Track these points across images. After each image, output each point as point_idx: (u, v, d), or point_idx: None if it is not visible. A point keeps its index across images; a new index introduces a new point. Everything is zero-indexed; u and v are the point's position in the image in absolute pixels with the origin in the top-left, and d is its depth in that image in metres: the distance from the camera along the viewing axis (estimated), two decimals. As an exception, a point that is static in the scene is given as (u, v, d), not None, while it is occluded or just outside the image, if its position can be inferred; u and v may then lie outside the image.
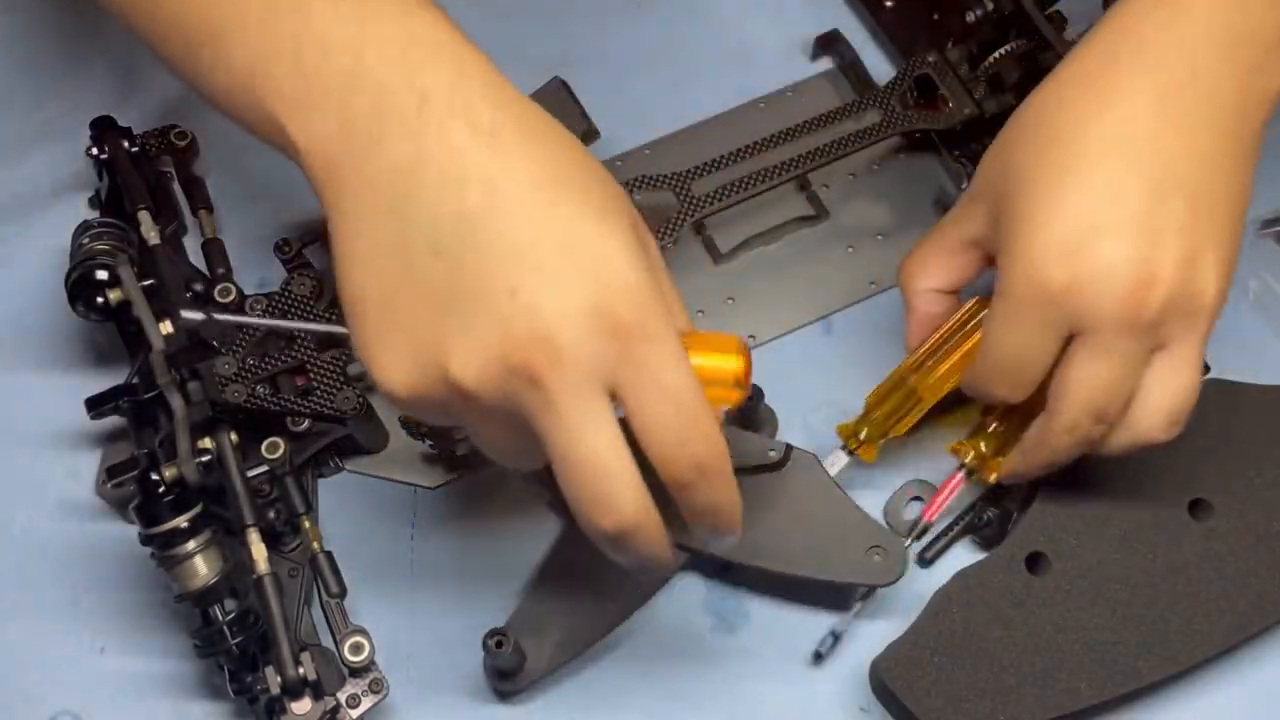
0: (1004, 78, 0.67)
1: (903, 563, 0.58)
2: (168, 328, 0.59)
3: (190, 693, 0.59)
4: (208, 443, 0.57)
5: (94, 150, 0.65)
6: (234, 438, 0.58)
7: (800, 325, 0.67)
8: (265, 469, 0.58)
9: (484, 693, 0.60)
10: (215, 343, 0.59)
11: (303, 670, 0.55)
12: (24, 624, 0.61)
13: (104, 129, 0.65)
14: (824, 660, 0.60)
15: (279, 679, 0.54)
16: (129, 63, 0.72)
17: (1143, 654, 0.57)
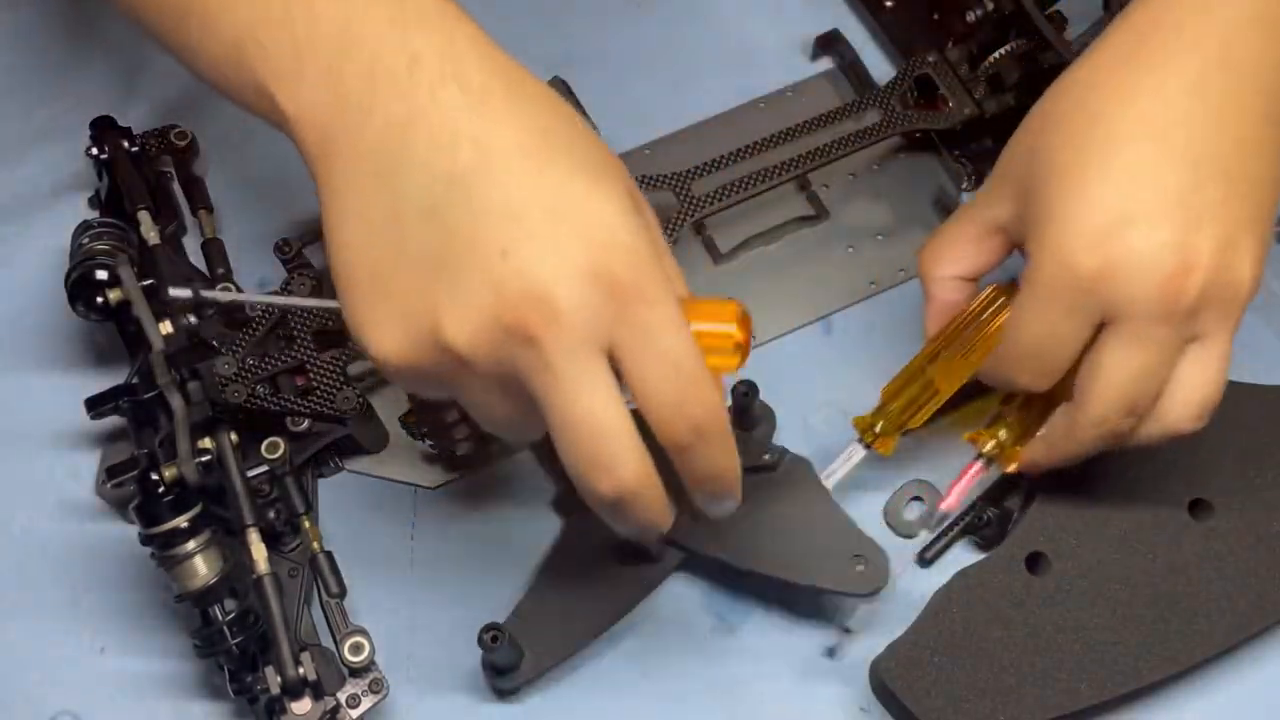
0: (1004, 78, 0.67)
1: (885, 575, 0.58)
2: (167, 328, 0.59)
3: (190, 693, 0.59)
4: (208, 443, 0.57)
5: (94, 150, 0.65)
6: (234, 438, 0.58)
7: (800, 325, 0.67)
8: (265, 469, 0.58)
9: (484, 693, 0.60)
10: (215, 343, 0.59)
11: (303, 670, 0.55)
12: (24, 624, 0.61)
13: (104, 129, 0.65)
14: (836, 655, 0.60)
15: (279, 679, 0.54)
16: (129, 63, 0.72)
17: (1143, 654, 0.57)
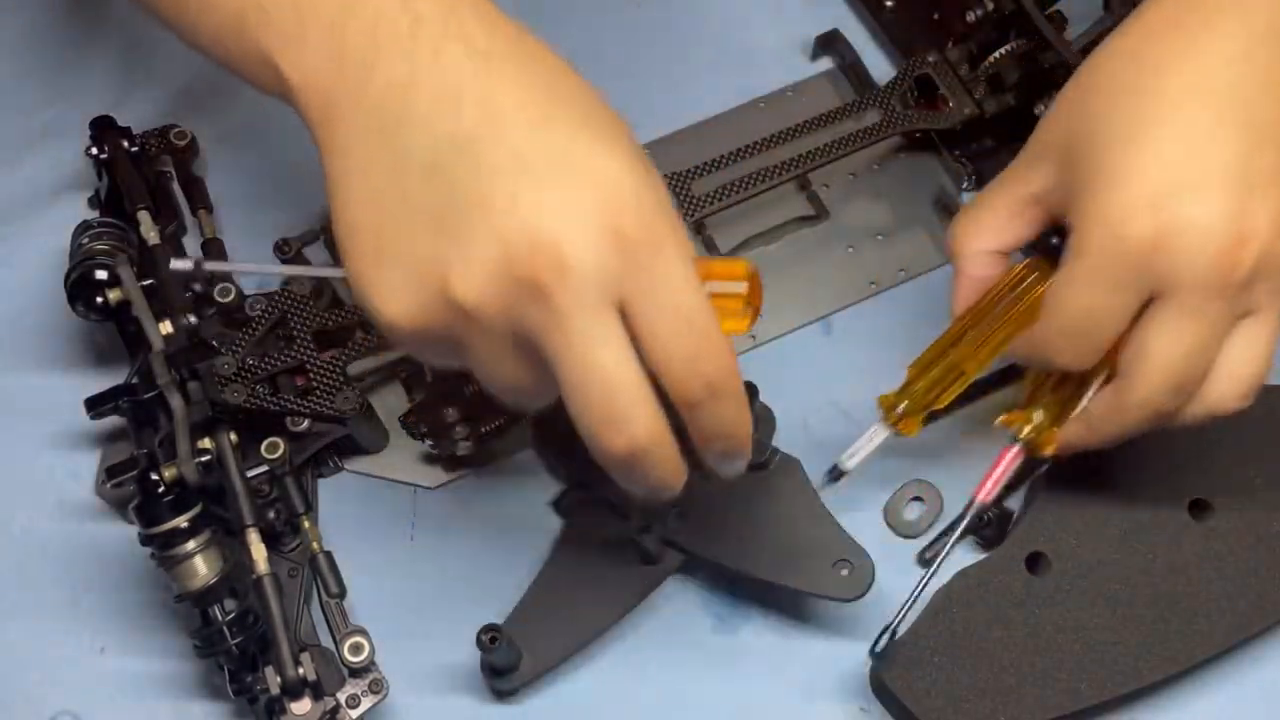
0: (1004, 78, 0.67)
1: (869, 580, 0.57)
2: (167, 327, 0.59)
3: (190, 693, 0.59)
4: (207, 443, 0.57)
5: (94, 150, 0.65)
6: (234, 438, 0.58)
7: (800, 325, 0.67)
8: (265, 469, 0.58)
9: (484, 693, 0.60)
10: (215, 343, 0.59)
11: (302, 670, 0.55)
12: (24, 624, 0.61)
13: (104, 129, 0.65)
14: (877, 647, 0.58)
15: (279, 679, 0.54)
16: (129, 63, 0.72)
17: (1143, 654, 0.57)
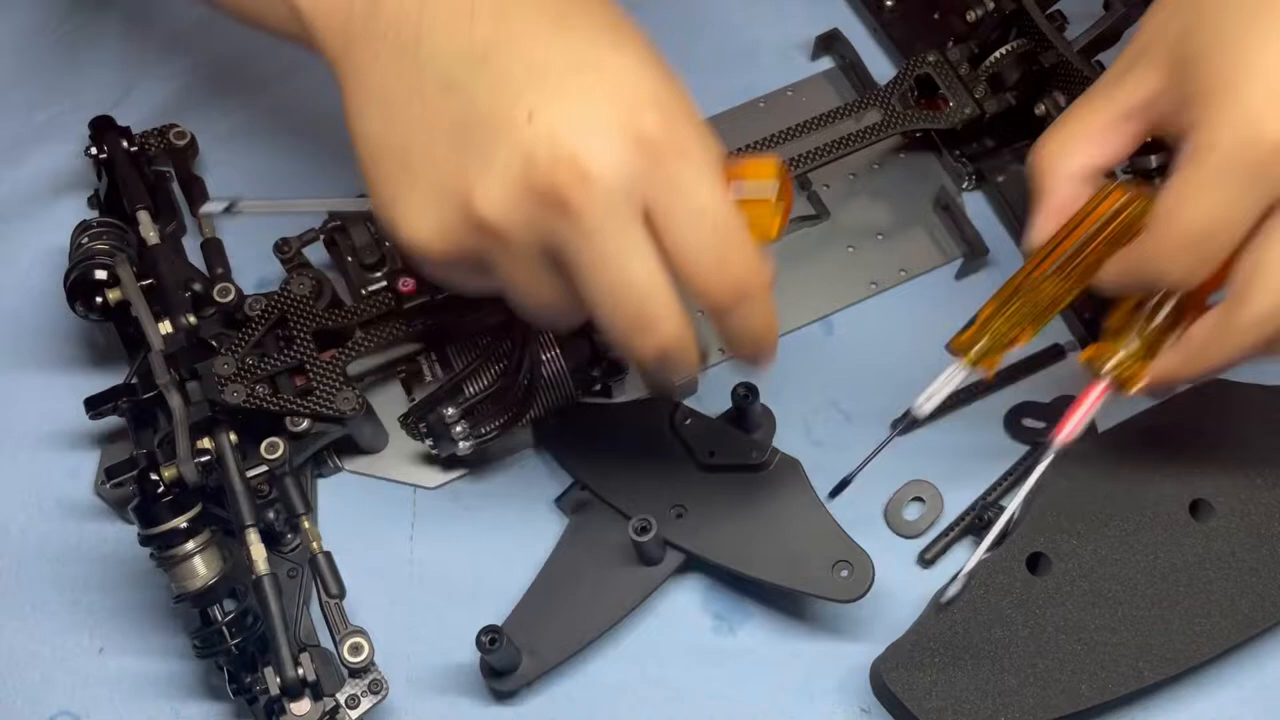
0: (1004, 77, 0.67)
1: (868, 582, 0.57)
2: (166, 327, 0.59)
3: (189, 693, 0.59)
4: (207, 443, 0.57)
5: (93, 150, 0.65)
6: (233, 438, 0.58)
7: (800, 325, 0.67)
8: (264, 469, 0.58)
9: (483, 693, 0.60)
10: (214, 343, 0.59)
11: (302, 671, 0.55)
12: (24, 624, 0.61)
13: (103, 129, 0.65)
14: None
15: (278, 680, 0.54)
16: (129, 63, 0.72)
17: (1144, 654, 0.57)
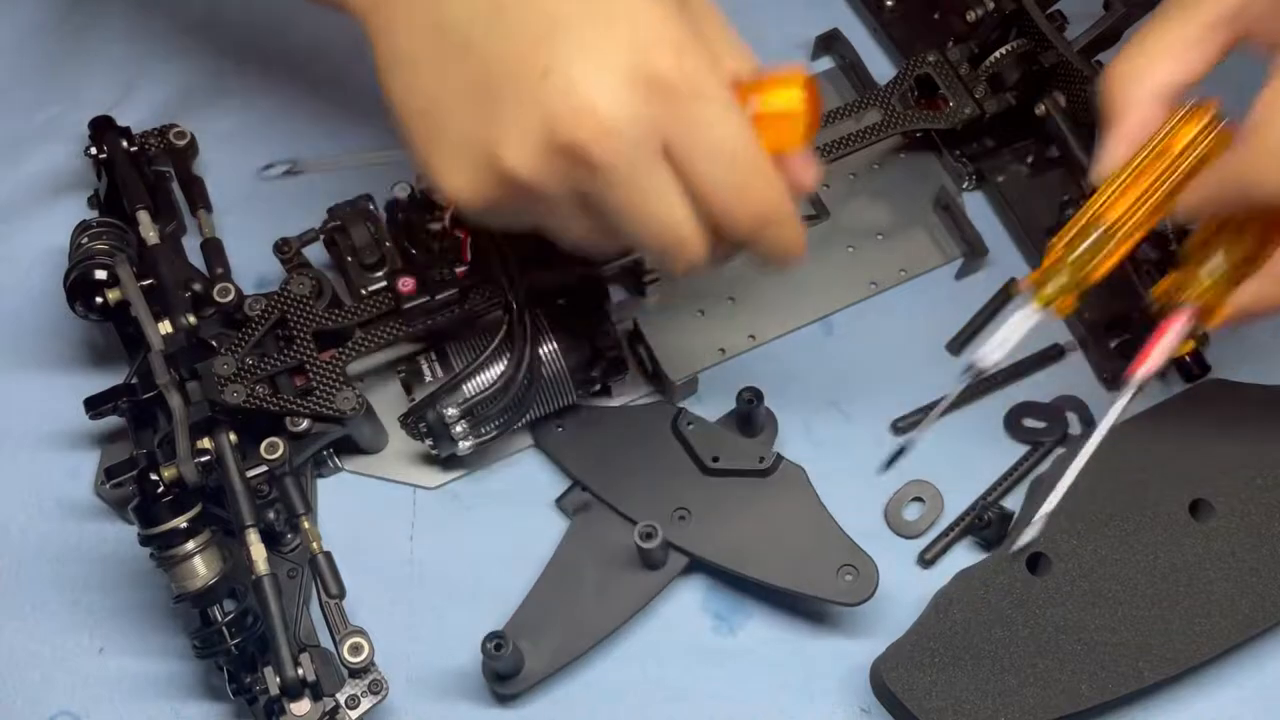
0: (1004, 77, 0.67)
1: (873, 585, 0.58)
2: (166, 327, 0.59)
3: (189, 693, 0.59)
4: (207, 443, 0.57)
5: (94, 150, 0.65)
6: (233, 438, 0.58)
7: (800, 325, 0.67)
8: (264, 469, 0.58)
9: (483, 693, 0.60)
10: (214, 343, 0.59)
11: (302, 671, 0.55)
12: (24, 624, 0.61)
13: (104, 129, 0.65)
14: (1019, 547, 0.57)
15: (278, 680, 0.54)
16: (129, 63, 0.72)
17: (1144, 654, 0.57)
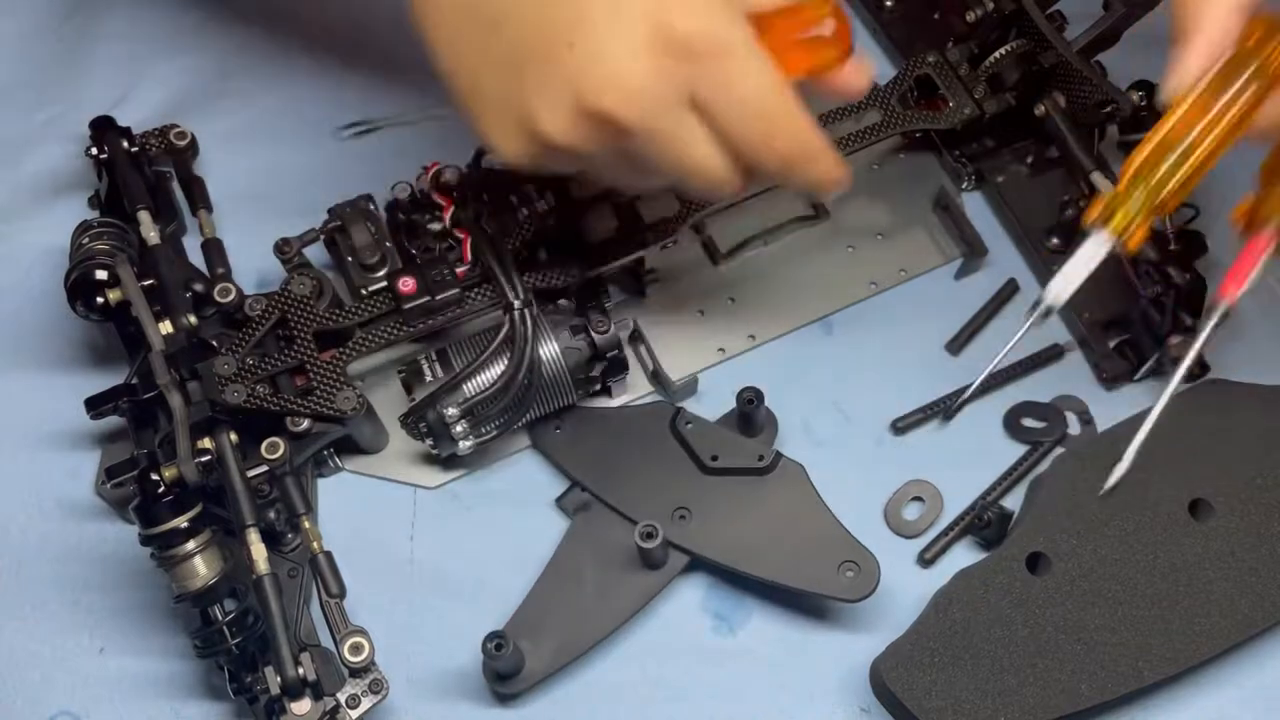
0: (1004, 78, 0.67)
1: (874, 581, 0.58)
2: (167, 327, 0.59)
3: (190, 693, 0.59)
4: (207, 443, 0.57)
5: (94, 150, 0.65)
6: (233, 438, 0.58)
7: (800, 325, 0.67)
8: (265, 469, 0.58)
9: (483, 693, 0.60)
10: (215, 343, 0.59)
11: (302, 671, 0.55)
12: (24, 624, 0.61)
13: (104, 129, 0.65)
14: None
15: (278, 679, 0.54)
16: (129, 63, 0.72)
17: (1144, 654, 0.57)
